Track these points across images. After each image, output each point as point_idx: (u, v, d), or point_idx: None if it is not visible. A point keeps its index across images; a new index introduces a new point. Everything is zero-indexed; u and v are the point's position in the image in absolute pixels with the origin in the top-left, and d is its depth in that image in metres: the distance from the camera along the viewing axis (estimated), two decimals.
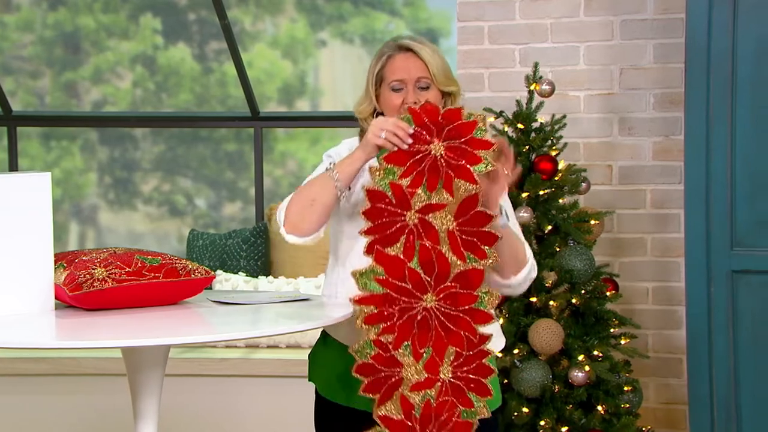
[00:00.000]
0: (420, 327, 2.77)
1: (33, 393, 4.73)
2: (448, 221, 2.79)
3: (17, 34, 5.62)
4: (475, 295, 2.79)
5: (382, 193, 2.77)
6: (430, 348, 2.77)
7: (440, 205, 2.78)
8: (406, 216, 2.77)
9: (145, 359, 2.95)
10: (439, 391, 2.77)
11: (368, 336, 2.76)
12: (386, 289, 2.76)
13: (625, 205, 4.75)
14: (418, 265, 2.77)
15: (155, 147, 5.66)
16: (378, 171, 2.78)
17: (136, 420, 3.00)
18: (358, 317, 2.77)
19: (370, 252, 2.77)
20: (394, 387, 2.76)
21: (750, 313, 4.11)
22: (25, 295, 2.90)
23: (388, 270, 2.76)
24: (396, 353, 2.76)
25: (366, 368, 2.76)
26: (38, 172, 3.00)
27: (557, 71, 4.75)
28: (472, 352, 2.79)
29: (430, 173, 2.78)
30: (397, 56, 2.93)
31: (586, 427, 4.12)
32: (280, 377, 4.61)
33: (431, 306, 2.78)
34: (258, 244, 5.10)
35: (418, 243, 2.77)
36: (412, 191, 2.77)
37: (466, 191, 2.78)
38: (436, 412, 2.78)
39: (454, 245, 2.78)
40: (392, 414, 2.76)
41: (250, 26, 5.50)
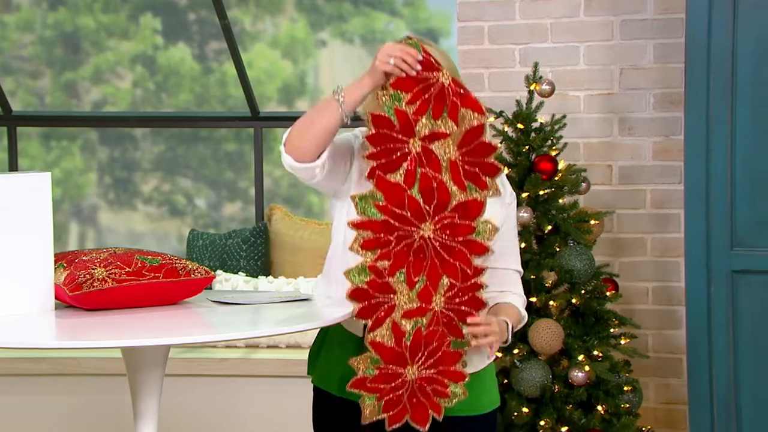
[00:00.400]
0: (416, 255, 2.77)
1: (33, 393, 4.73)
2: (451, 150, 2.77)
3: (17, 34, 5.62)
4: (473, 225, 2.79)
5: (386, 118, 2.74)
6: (425, 277, 2.77)
7: (444, 133, 2.76)
8: (409, 143, 2.75)
9: (145, 359, 2.95)
10: (430, 320, 2.78)
11: (364, 261, 2.75)
12: (385, 215, 2.75)
13: (625, 205, 4.75)
14: (418, 193, 2.76)
15: (155, 147, 5.66)
16: (383, 96, 2.75)
17: (136, 420, 3.00)
18: (355, 241, 2.75)
19: (372, 177, 2.75)
20: (386, 313, 2.76)
21: (750, 313, 4.11)
22: (25, 295, 2.90)
23: (387, 196, 2.75)
24: (390, 280, 2.76)
25: (360, 293, 2.76)
26: (38, 172, 3.00)
27: (557, 71, 4.75)
28: (466, 284, 2.79)
29: (435, 101, 2.76)
30: None
31: (586, 427, 4.12)
32: (280, 377, 4.61)
33: (428, 235, 2.77)
34: (258, 244, 5.10)
35: (420, 171, 2.76)
36: (416, 118, 2.75)
37: (471, 121, 2.77)
38: (426, 340, 2.78)
39: (456, 175, 2.77)
40: (384, 340, 2.77)
41: (250, 26, 5.50)
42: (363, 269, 2.75)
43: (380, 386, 2.78)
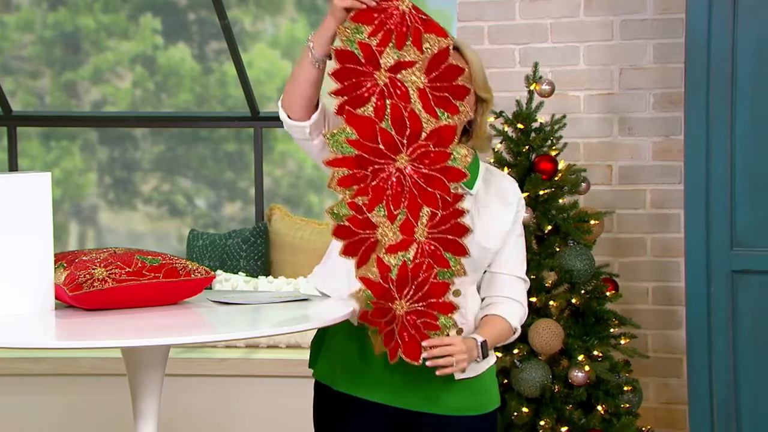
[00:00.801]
0: (394, 188, 2.76)
1: (33, 393, 4.73)
2: (418, 78, 2.76)
3: (17, 34, 5.62)
4: (448, 152, 2.77)
5: (350, 52, 2.73)
6: (405, 209, 2.76)
7: (410, 62, 2.75)
8: (375, 75, 2.74)
9: (145, 359, 2.95)
10: (414, 253, 2.77)
11: (343, 198, 2.75)
12: (358, 150, 2.74)
13: (625, 205, 4.75)
14: (390, 125, 2.75)
15: (155, 147, 5.66)
16: (345, 30, 2.73)
17: (136, 420, 2.99)
18: (332, 180, 2.75)
19: (341, 113, 2.75)
20: (370, 249, 2.76)
21: (750, 313, 4.11)
22: (25, 295, 2.90)
23: (359, 131, 2.74)
24: (370, 215, 2.75)
25: (342, 231, 2.76)
26: (38, 172, 3.00)
27: (557, 71, 4.75)
28: (447, 212, 2.78)
29: (398, 30, 2.74)
30: None
31: (586, 427, 4.12)
32: (280, 377, 4.61)
33: (404, 166, 2.76)
34: (258, 244, 5.10)
35: (389, 102, 2.75)
36: (380, 50, 2.74)
37: (435, 46, 2.76)
38: (413, 273, 2.77)
39: (426, 102, 2.75)
40: (370, 276, 2.77)
41: (250, 26, 5.50)
42: (342, 207, 2.75)
43: (378, 320, 2.78)
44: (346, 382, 2.94)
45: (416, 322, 2.77)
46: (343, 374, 2.94)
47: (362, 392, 2.91)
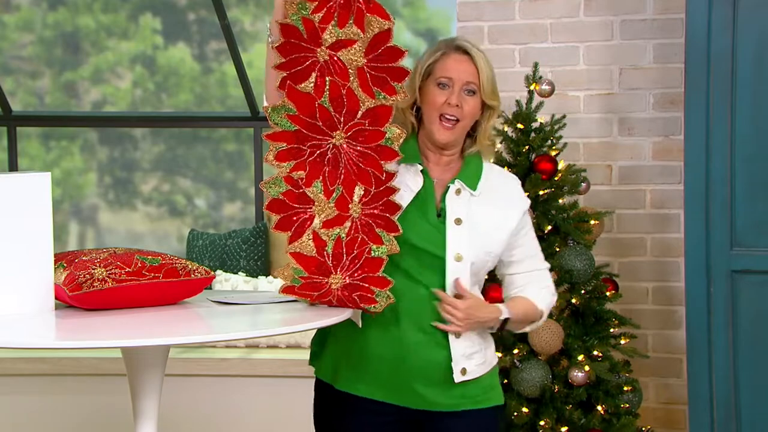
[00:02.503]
0: (330, 164, 2.80)
1: (33, 393, 4.73)
2: (358, 58, 2.79)
3: (17, 34, 5.62)
4: (383, 131, 2.81)
5: (293, 27, 2.77)
6: (340, 186, 2.81)
7: (350, 41, 2.79)
8: (317, 52, 2.78)
9: (145, 359, 2.95)
10: (349, 229, 2.82)
11: (279, 172, 2.79)
12: (297, 125, 2.79)
13: (625, 205, 4.75)
14: (328, 102, 2.79)
15: (155, 147, 5.66)
16: (291, 5, 2.76)
17: (136, 420, 3.00)
18: (269, 153, 2.79)
19: (282, 87, 2.78)
20: (305, 224, 2.81)
21: (750, 313, 4.11)
22: (25, 295, 2.90)
23: (299, 106, 2.78)
24: (307, 191, 2.80)
25: (277, 205, 2.81)
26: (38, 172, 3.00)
27: (557, 71, 4.75)
28: (379, 189, 2.82)
29: (341, 9, 2.78)
30: (452, 55, 2.93)
31: (585, 427, 4.12)
32: (280, 377, 4.61)
33: (341, 143, 2.81)
34: (258, 244, 5.10)
35: (329, 80, 2.79)
36: (323, 27, 2.77)
37: (378, 27, 2.79)
38: (347, 248, 2.82)
39: (363, 82, 2.80)
40: (305, 251, 2.81)
41: (249, 26, 5.50)
42: (279, 181, 2.80)
43: (309, 293, 2.84)
44: (347, 381, 2.94)
45: (352, 296, 2.83)
46: (344, 372, 2.94)
47: (363, 390, 2.91)
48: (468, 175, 2.95)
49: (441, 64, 2.92)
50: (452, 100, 2.89)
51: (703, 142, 4.14)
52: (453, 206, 2.91)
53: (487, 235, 2.91)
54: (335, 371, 2.97)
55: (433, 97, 2.90)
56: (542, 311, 2.99)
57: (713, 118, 4.13)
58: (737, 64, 4.09)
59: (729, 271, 4.12)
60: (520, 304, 2.96)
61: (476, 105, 2.92)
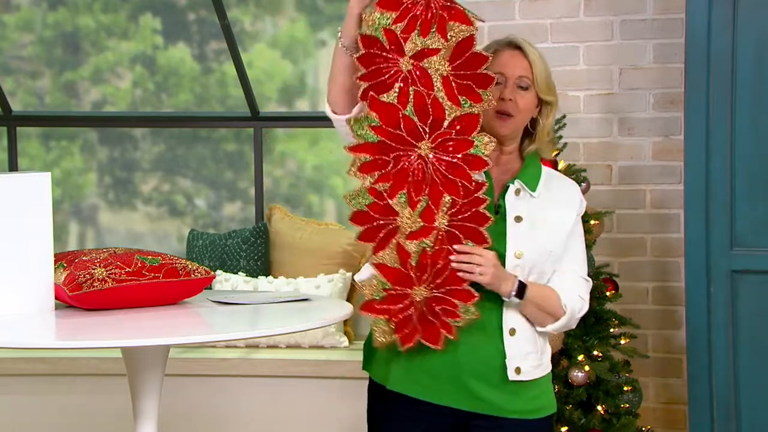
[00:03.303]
0: (415, 175, 2.76)
1: (33, 393, 4.73)
2: (442, 66, 2.77)
3: (17, 34, 5.61)
4: (470, 140, 2.78)
5: (375, 39, 2.74)
6: (426, 197, 2.76)
7: (434, 50, 2.76)
8: (400, 62, 2.75)
9: (145, 359, 2.95)
10: (435, 240, 2.77)
11: (363, 184, 2.74)
12: (381, 137, 2.74)
13: (625, 205, 4.75)
14: (413, 113, 2.76)
15: (155, 147, 5.66)
16: (371, 17, 2.74)
17: (136, 420, 3.00)
18: (353, 166, 2.75)
19: (365, 99, 2.75)
20: (390, 235, 2.75)
21: (750, 313, 4.11)
22: (25, 295, 2.90)
23: (382, 117, 2.75)
24: (392, 202, 2.75)
25: (362, 216, 2.75)
26: (38, 172, 3.00)
27: (557, 71, 4.71)
28: (468, 200, 2.78)
29: (423, 17, 2.75)
30: (505, 51, 2.92)
31: (585, 427, 4.12)
32: (280, 377, 4.61)
33: (427, 154, 2.77)
34: (258, 244, 5.10)
35: (413, 89, 2.76)
36: (405, 37, 2.75)
37: (460, 34, 2.77)
38: (432, 260, 2.77)
39: (449, 90, 2.77)
40: (388, 262, 2.75)
41: (249, 26, 5.50)
42: (363, 193, 2.74)
43: (389, 308, 2.75)
44: (399, 381, 2.89)
45: (436, 309, 2.77)
46: (396, 373, 2.89)
47: (416, 392, 2.87)
48: (528, 176, 2.94)
49: (494, 61, 2.90)
50: (506, 95, 2.87)
51: (703, 142, 4.14)
52: (512, 205, 2.89)
53: (546, 234, 2.89)
54: (388, 371, 2.92)
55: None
56: (564, 307, 2.90)
57: (713, 118, 4.12)
58: (737, 64, 4.09)
59: (729, 271, 4.12)
60: (541, 287, 2.89)
61: (531, 100, 2.90)
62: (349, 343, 4.83)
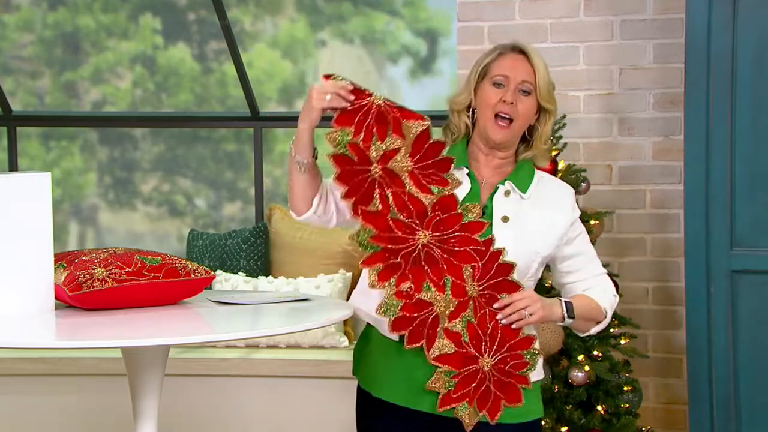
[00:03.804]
0: (428, 262, 2.84)
1: (32, 393, 4.72)
2: (406, 163, 2.86)
3: (17, 34, 5.62)
4: (458, 213, 2.86)
5: (344, 156, 2.83)
6: (448, 276, 2.83)
7: (395, 150, 2.85)
8: (370, 170, 2.84)
9: (145, 359, 2.95)
10: (474, 309, 2.84)
11: (388, 293, 2.81)
12: (382, 244, 2.83)
13: (625, 205, 4.75)
14: (397, 213, 2.84)
15: (155, 147, 5.66)
16: (333, 137, 2.83)
17: (136, 420, 3.00)
18: (370, 277, 2.82)
19: (356, 214, 2.84)
20: (433, 326, 2.82)
21: (750, 313, 4.11)
22: (25, 295, 2.90)
23: (376, 227, 2.83)
24: (420, 296, 2.82)
25: (401, 322, 2.82)
26: (38, 172, 3.00)
27: (557, 71, 4.74)
28: (485, 260, 2.85)
29: (378, 123, 2.84)
30: (508, 55, 2.93)
31: (585, 427, 4.12)
32: (280, 377, 4.61)
33: (428, 241, 2.85)
34: (258, 244, 5.10)
35: (389, 192, 2.85)
36: (367, 146, 2.84)
37: (416, 129, 2.85)
38: (481, 328, 2.84)
39: (418, 183, 2.86)
40: (444, 351, 2.82)
41: (249, 26, 5.50)
42: (391, 301, 2.82)
43: (466, 391, 2.83)
44: (385, 390, 2.90)
45: (506, 369, 2.86)
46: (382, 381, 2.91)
47: (403, 400, 2.88)
48: (519, 178, 2.95)
49: (497, 63, 2.92)
50: (507, 98, 2.88)
51: (703, 142, 4.14)
52: (500, 206, 2.91)
53: (535, 235, 2.91)
54: (374, 380, 2.94)
55: (488, 95, 2.90)
56: (605, 309, 2.96)
57: (713, 118, 4.12)
58: (737, 64, 4.09)
59: (729, 271, 4.12)
60: (580, 298, 2.95)
61: (531, 106, 2.91)
62: (349, 343, 4.83)
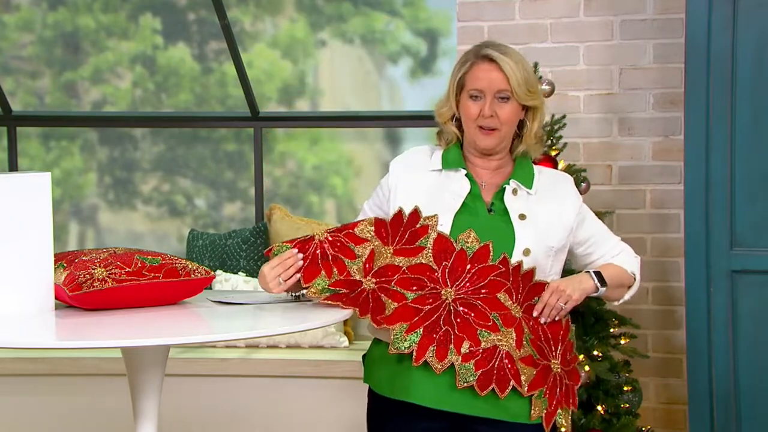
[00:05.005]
0: (464, 315, 2.85)
1: (33, 393, 4.73)
2: (387, 252, 2.91)
3: (17, 34, 5.62)
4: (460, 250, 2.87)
5: (336, 295, 2.92)
6: (492, 312, 2.85)
7: (371, 253, 2.93)
8: (363, 285, 2.91)
9: (145, 359, 2.95)
10: (529, 327, 2.88)
11: (456, 362, 2.83)
12: (417, 329, 2.85)
13: (625, 205, 4.75)
14: (412, 293, 2.87)
15: (155, 147, 5.66)
16: (312, 291, 2.93)
17: (136, 420, 3.00)
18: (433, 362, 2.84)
19: (380, 325, 2.87)
20: (511, 362, 2.84)
21: (750, 313, 4.11)
22: (25, 295, 2.90)
23: (404, 319, 2.86)
24: (482, 347, 2.82)
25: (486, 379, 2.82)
26: (38, 172, 3.00)
27: (557, 71, 4.75)
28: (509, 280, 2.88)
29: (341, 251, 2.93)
30: (479, 65, 2.93)
31: (585, 427, 4.12)
32: (280, 377, 4.61)
33: (452, 296, 2.87)
34: (258, 244, 5.10)
35: (394, 288, 2.88)
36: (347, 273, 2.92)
37: (368, 229, 2.95)
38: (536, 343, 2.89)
39: (408, 254, 2.90)
40: (530, 377, 2.86)
41: (249, 26, 5.50)
42: (462, 367, 2.83)
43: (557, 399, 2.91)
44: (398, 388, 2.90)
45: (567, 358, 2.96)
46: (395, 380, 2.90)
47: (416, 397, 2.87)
48: (522, 175, 2.97)
49: (470, 76, 2.93)
50: (485, 111, 2.89)
51: (703, 142, 4.13)
52: (513, 204, 2.92)
53: (548, 230, 2.94)
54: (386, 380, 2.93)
55: (468, 110, 2.91)
56: (633, 273, 3.04)
57: (713, 118, 4.12)
58: (737, 64, 4.09)
59: (729, 271, 4.12)
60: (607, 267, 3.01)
61: (512, 110, 2.91)
62: (349, 343, 4.83)
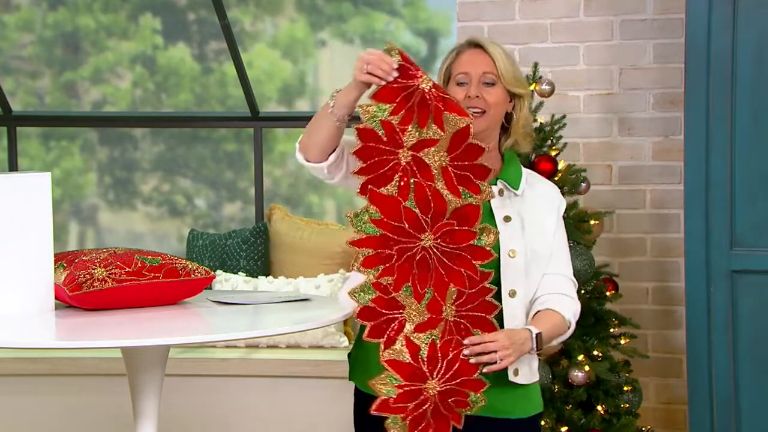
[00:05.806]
0: (420, 267, 2.71)
1: (32, 393, 4.72)
2: (441, 157, 2.74)
3: (17, 34, 5.62)
4: (473, 231, 2.75)
5: (373, 131, 2.70)
6: (432, 288, 2.72)
7: (432, 141, 2.72)
8: (399, 154, 2.71)
9: (145, 359, 2.95)
10: (443, 331, 2.73)
11: (367, 279, 2.69)
12: (382, 230, 2.70)
13: (625, 205, 4.75)
14: (414, 204, 2.71)
15: (155, 147, 5.66)
16: (367, 109, 2.71)
17: (136, 420, 3.00)
18: (356, 260, 2.70)
19: (364, 193, 2.70)
20: (397, 330, 2.70)
21: (750, 313, 4.11)
22: (25, 295, 2.90)
23: (383, 210, 2.70)
24: (397, 295, 2.70)
25: (367, 312, 2.69)
26: (38, 172, 3.00)
27: (557, 71, 4.75)
28: (474, 290, 2.75)
29: (419, 109, 2.71)
30: (465, 52, 2.93)
31: (585, 427, 4.12)
32: (280, 377, 4.61)
33: (430, 245, 2.72)
34: (258, 244, 5.10)
35: (413, 181, 2.72)
36: (403, 128, 2.71)
37: (457, 124, 2.74)
38: (442, 352, 2.72)
39: (449, 181, 2.74)
40: (399, 357, 2.70)
41: (249, 26, 5.50)
42: (367, 287, 2.69)
43: (404, 405, 2.71)
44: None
45: (448, 401, 2.74)
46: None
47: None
48: (509, 175, 2.95)
49: (457, 63, 2.92)
50: (471, 92, 2.87)
51: (703, 142, 4.13)
52: (499, 205, 2.90)
53: (534, 232, 2.92)
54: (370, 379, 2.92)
55: (455, 95, 2.87)
56: (569, 321, 2.92)
57: (713, 118, 4.12)
58: (737, 64, 4.09)
59: (729, 271, 4.12)
60: (545, 319, 2.89)
61: (499, 94, 2.90)
62: (348, 343, 4.83)
